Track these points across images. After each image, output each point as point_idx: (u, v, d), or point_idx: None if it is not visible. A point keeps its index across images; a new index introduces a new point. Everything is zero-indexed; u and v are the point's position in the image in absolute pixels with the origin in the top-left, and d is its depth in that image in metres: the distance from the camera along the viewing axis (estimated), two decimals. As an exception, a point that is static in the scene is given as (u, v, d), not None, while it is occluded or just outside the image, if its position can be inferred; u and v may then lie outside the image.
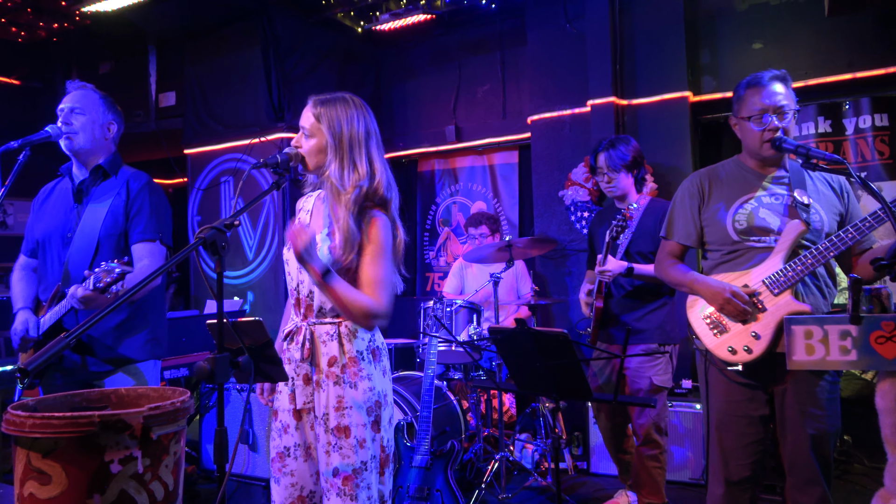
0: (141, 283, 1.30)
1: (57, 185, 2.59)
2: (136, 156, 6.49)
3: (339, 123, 1.92)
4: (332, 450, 1.88)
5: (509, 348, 2.16)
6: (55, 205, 2.52)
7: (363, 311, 1.85)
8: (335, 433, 1.88)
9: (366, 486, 1.88)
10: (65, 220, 2.45)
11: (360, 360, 1.92)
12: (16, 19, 5.30)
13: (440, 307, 3.66)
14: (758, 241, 2.17)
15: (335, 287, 1.82)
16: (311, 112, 1.95)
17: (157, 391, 1.21)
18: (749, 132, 2.22)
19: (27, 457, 0.99)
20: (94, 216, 2.40)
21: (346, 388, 1.89)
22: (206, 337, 3.95)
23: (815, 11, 3.91)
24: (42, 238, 2.48)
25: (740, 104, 2.25)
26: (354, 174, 1.90)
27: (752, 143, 2.22)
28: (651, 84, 4.28)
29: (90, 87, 2.52)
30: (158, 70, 5.73)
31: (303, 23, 5.16)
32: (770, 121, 2.15)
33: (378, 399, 1.94)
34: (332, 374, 1.90)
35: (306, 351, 1.92)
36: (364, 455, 1.89)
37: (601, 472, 3.88)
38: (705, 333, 2.22)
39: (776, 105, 2.16)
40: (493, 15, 5.20)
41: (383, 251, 1.91)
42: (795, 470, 2.15)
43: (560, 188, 4.55)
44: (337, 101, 1.95)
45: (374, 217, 1.91)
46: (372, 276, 1.89)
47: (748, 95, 2.21)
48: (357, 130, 1.93)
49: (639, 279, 3.02)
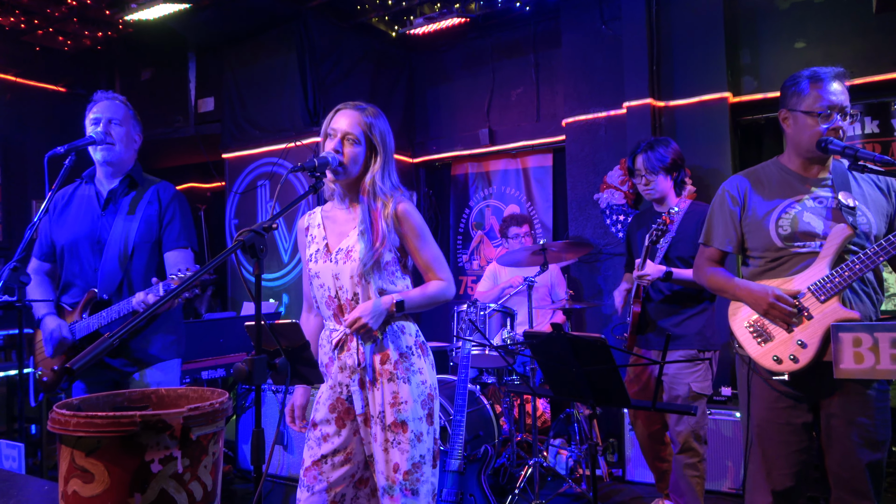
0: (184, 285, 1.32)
1: (77, 191, 2.62)
2: (175, 160, 6.64)
3: (384, 135, 2.03)
4: (390, 446, 1.92)
5: (545, 353, 2.14)
6: (79, 211, 2.56)
7: (442, 291, 2.02)
8: (392, 429, 1.92)
9: (426, 481, 1.93)
10: (93, 227, 2.49)
11: (411, 356, 1.99)
12: (63, 29, 5.47)
13: (474, 311, 3.64)
14: (802, 246, 2.10)
15: (413, 301, 1.99)
16: (359, 120, 1.99)
17: (197, 392, 1.22)
18: (805, 127, 2.12)
19: (71, 455, 1.00)
20: (127, 224, 2.46)
21: (400, 383, 1.94)
22: (242, 338, 4.01)
23: (861, 9, 3.79)
24: (67, 244, 2.51)
25: (800, 98, 2.13)
26: (389, 182, 2.04)
27: (806, 140, 2.12)
28: (689, 85, 4.20)
29: (122, 99, 2.59)
30: (198, 76, 5.85)
31: (338, 28, 5.21)
32: (836, 119, 2.08)
33: (430, 392, 2.01)
34: (385, 372, 1.95)
35: (361, 355, 1.94)
36: (422, 448, 1.93)
37: (637, 479, 3.81)
38: (748, 342, 2.15)
39: (841, 104, 2.08)
40: (528, 17, 5.18)
41: (424, 232, 2.06)
42: (842, 482, 2.07)
43: (595, 191, 4.50)
44: (379, 113, 2.07)
45: (402, 208, 2.03)
46: (427, 257, 2.06)
47: (811, 89, 2.11)
48: (392, 143, 2.08)
49: (678, 284, 2.96)
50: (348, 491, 1.99)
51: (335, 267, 1.99)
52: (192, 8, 4.72)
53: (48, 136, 6.10)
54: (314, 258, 2.05)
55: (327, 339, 2.04)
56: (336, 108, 2.04)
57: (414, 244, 2.04)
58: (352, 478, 2.00)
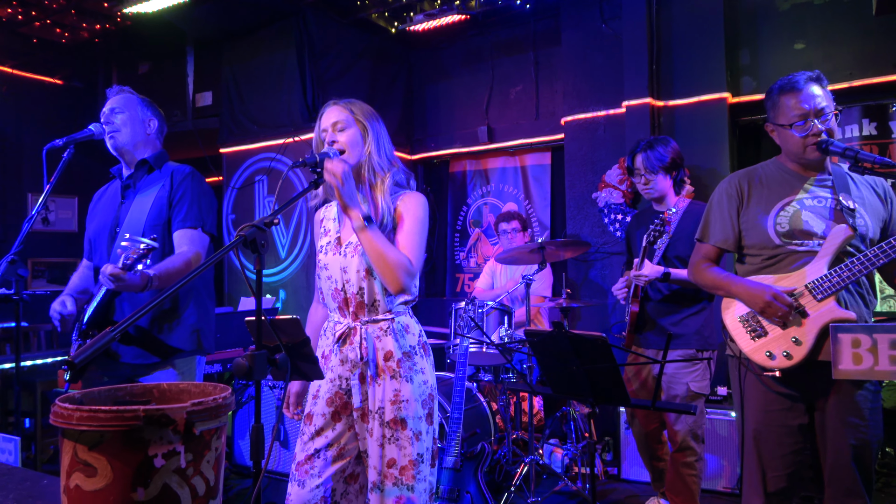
0: (187, 277, 1.31)
1: (109, 188, 2.65)
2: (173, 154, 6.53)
3: (369, 116, 2.04)
4: (387, 442, 1.91)
5: (545, 351, 2.14)
6: (105, 205, 2.58)
7: (398, 262, 1.89)
8: (391, 426, 1.92)
9: (423, 478, 1.93)
10: (113, 215, 2.49)
11: (414, 355, 1.99)
12: (60, 21, 5.44)
13: (472, 308, 3.64)
14: (800, 244, 2.11)
15: (374, 234, 1.88)
16: (341, 108, 2.03)
17: (198, 387, 1.22)
18: (790, 139, 2.15)
19: (74, 449, 1.00)
20: (139, 207, 2.43)
21: (403, 381, 1.94)
22: (239, 333, 4.00)
23: (861, 11, 3.80)
24: (93, 237, 2.53)
25: (776, 110, 2.17)
26: (386, 156, 2.04)
27: (795, 149, 2.15)
28: (688, 85, 4.20)
29: (128, 90, 2.58)
30: (196, 70, 5.82)
31: (337, 24, 5.20)
32: (813, 126, 2.09)
33: (431, 392, 2.01)
34: (388, 369, 1.95)
35: (364, 349, 1.94)
36: (420, 447, 1.93)
37: (632, 478, 3.82)
38: (741, 336, 2.16)
39: (816, 108, 2.09)
40: (528, 15, 5.17)
41: (419, 222, 2.00)
42: (835, 481, 2.08)
43: (593, 190, 4.50)
44: (360, 101, 2.08)
45: (409, 194, 2.04)
46: (407, 240, 1.97)
47: (784, 101, 2.14)
48: (381, 123, 2.08)
49: (676, 284, 2.97)
50: (339, 486, 1.99)
51: (343, 260, 1.99)
52: (191, 1, 4.69)
53: (45, 129, 6.07)
54: (325, 250, 2.06)
55: (330, 331, 2.04)
56: (321, 112, 2.06)
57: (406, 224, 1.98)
58: (342, 472, 2.00)
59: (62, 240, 6.20)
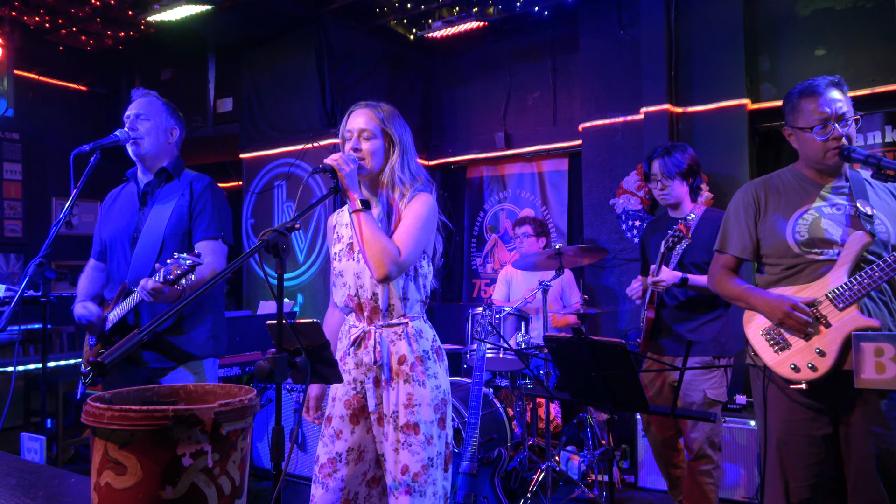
0: (212, 281, 1.34)
1: (123, 190, 2.68)
2: (193, 160, 6.68)
3: (399, 128, 2.04)
4: (401, 447, 1.93)
5: (564, 357, 2.14)
6: (121, 208, 2.61)
7: (386, 249, 1.87)
8: (404, 430, 1.93)
9: (432, 483, 1.93)
10: (130, 221, 2.53)
11: (427, 359, 2.00)
12: (86, 28, 5.55)
13: (489, 314, 3.65)
14: (820, 253, 2.09)
15: (367, 218, 1.89)
16: (372, 116, 2.02)
17: (224, 388, 1.24)
18: (810, 143, 2.13)
19: (104, 447, 1.02)
20: (159, 216, 2.47)
21: (416, 385, 1.95)
22: (257, 337, 4.04)
23: (884, 17, 3.77)
24: (109, 240, 2.56)
25: (796, 114, 2.16)
26: (409, 172, 2.04)
27: (814, 154, 2.14)
28: (707, 91, 4.19)
29: (154, 95, 2.60)
30: (217, 77, 5.91)
31: (356, 31, 5.25)
32: (834, 129, 2.08)
33: (444, 397, 2.01)
34: (402, 373, 1.96)
35: (378, 353, 1.96)
36: (431, 451, 1.94)
37: (649, 486, 3.80)
38: (765, 350, 2.14)
39: (837, 112, 2.08)
40: (545, 22, 5.18)
41: (422, 219, 1.98)
42: (859, 491, 2.06)
43: (611, 196, 4.50)
44: (393, 109, 2.08)
45: (420, 193, 2.03)
46: (402, 232, 1.95)
47: (804, 104, 2.13)
48: (409, 136, 2.08)
49: (693, 290, 2.96)
50: (361, 489, 2.00)
51: (357, 266, 2.01)
52: (213, 10, 4.77)
53: (69, 135, 6.19)
54: (339, 256, 2.08)
55: (346, 334, 2.06)
56: (349, 111, 2.06)
57: (407, 219, 1.97)
58: (363, 476, 2.01)
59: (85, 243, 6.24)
